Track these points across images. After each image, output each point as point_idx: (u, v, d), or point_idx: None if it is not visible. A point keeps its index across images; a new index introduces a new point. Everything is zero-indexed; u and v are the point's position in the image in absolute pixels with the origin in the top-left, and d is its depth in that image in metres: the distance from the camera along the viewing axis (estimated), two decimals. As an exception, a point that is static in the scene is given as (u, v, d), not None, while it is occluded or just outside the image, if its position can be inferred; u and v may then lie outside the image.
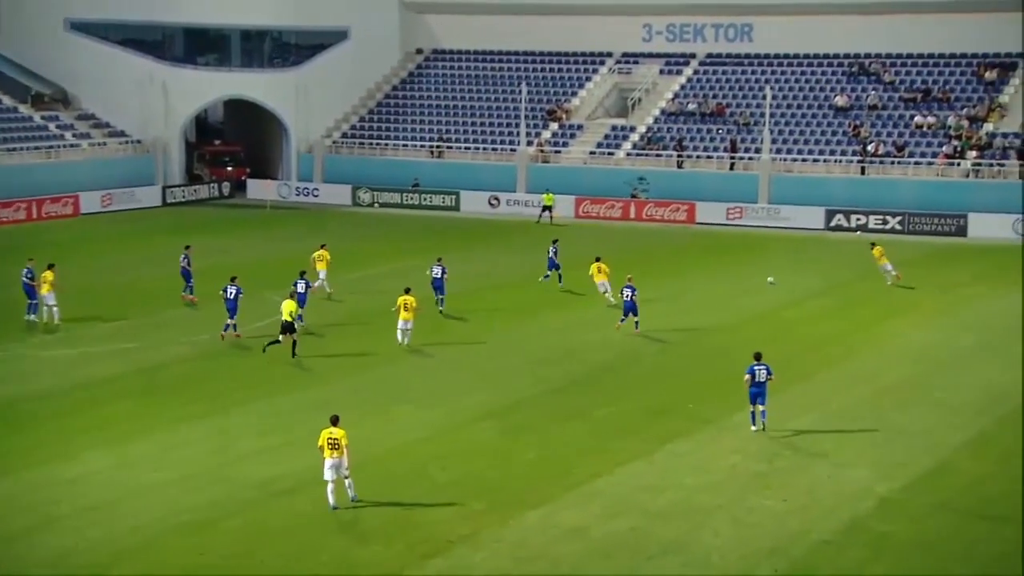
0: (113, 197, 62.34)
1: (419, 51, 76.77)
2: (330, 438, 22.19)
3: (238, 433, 26.23)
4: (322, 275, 40.71)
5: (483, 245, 53.30)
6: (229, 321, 34.36)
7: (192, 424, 26.77)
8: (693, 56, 70.36)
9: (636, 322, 35.63)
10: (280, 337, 32.27)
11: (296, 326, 32.33)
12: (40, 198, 58.91)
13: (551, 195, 60.61)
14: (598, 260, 40.13)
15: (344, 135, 71.71)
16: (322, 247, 41.42)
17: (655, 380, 31.00)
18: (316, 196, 67.63)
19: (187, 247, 40.44)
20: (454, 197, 64.64)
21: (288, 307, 32.49)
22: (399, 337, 33.65)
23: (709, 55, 69.96)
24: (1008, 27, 62.78)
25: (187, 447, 25.32)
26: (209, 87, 69.54)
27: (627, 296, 35.73)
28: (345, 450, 22.06)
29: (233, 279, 35.03)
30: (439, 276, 38.39)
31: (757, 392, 26.56)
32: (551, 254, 43.04)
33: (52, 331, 34.97)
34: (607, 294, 39.19)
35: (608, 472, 24.10)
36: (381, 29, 74.66)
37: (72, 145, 64.84)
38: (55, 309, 35.65)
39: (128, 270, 44.76)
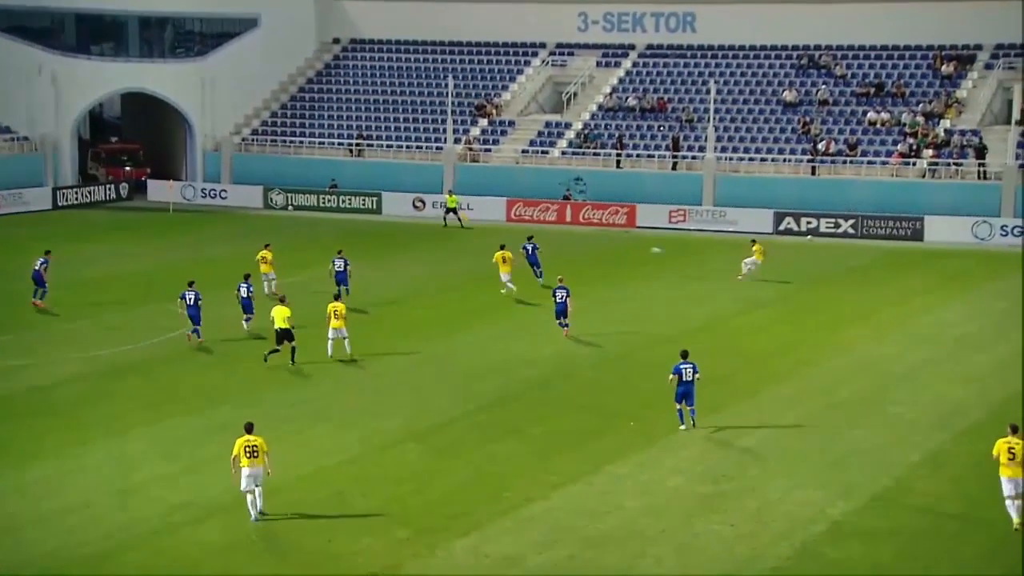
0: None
1: (336, 41, 76.69)
2: (247, 445, 22.59)
3: (139, 457, 26.10)
4: (270, 276, 42.15)
5: (408, 250, 53.39)
6: (196, 327, 35.54)
7: (89, 448, 26.58)
8: (632, 47, 71.07)
9: (566, 325, 36.14)
10: (278, 346, 33.18)
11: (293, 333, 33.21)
12: (-85, 201, 57.95)
13: (454, 196, 61.22)
14: (503, 248, 41.98)
15: (254, 132, 71.36)
16: (266, 247, 42.88)
17: (593, 396, 31.29)
18: (224, 198, 67.25)
19: (47, 252, 40.73)
20: (376, 199, 64.65)
21: (281, 313, 33.20)
22: (329, 349, 33.70)
23: (649, 46, 70.71)
24: (968, 16, 64.29)
25: (85, 473, 25.13)
26: (104, 79, 68.86)
27: (560, 298, 36.18)
28: (266, 457, 22.55)
29: (191, 283, 36.05)
30: (342, 269, 41.03)
31: (684, 392, 27.61)
32: (529, 251, 44.42)
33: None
34: (509, 283, 41.51)
35: (543, 496, 24.32)
36: (294, 16, 74.48)
37: (-49, 142, 63.84)
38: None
39: (13, 279, 44.12)
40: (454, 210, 60.73)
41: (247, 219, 62.59)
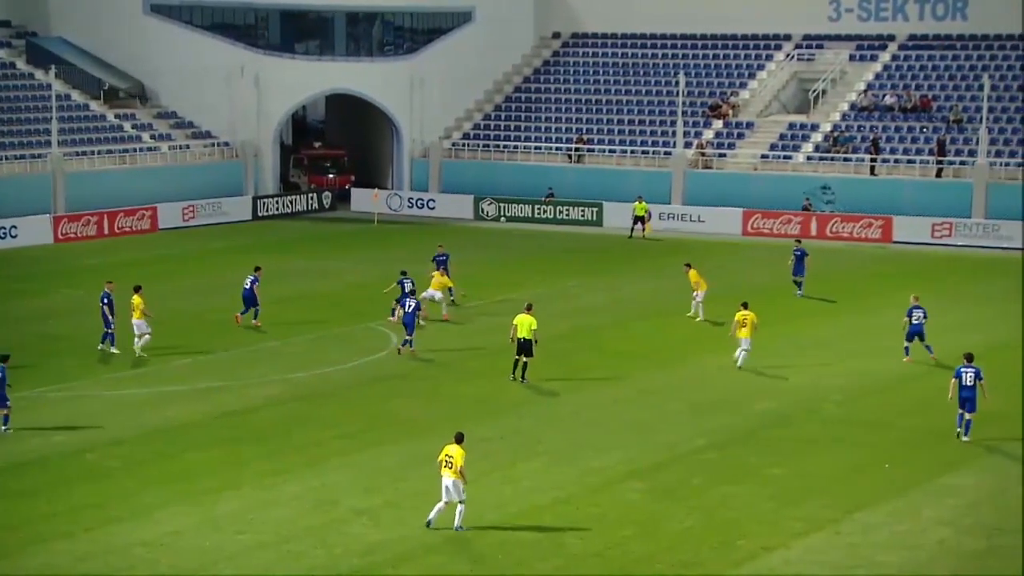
0: (196, 209, 64.19)
1: (556, 35, 77.42)
2: (446, 455, 24.15)
3: (338, 490, 26.76)
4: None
5: (630, 267, 53.31)
6: (407, 336, 37.36)
7: (286, 478, 27.38)
8: (891, 38, 69.45)
9: (928, 348, 36.47)
10: (518, 356, 34.40)
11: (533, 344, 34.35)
12: (113, 210, 60.99)
13: (644, 204, 60.83)
14: (689, 267, 43.41)
15: (465, 136, 72.59)
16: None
17: (841, 433, 30.65)
18: (432, 208, 68.57)
19: (257, 269, 41.77)
20: (596, 210, 64.87)
21: (525, 322, 34.29)
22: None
23: (911, 37, 68.97)
24: None
25: (281, 506, 25.90)
26: (308, 80, 71.02)
27: (916, 319, 36.59)
28: (460, 473, 23.96)
29: (411, 293, 38.86)
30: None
31: (965, 397, 28.14)
32: (798, 257, 45.87)
33: (138, 365, 36.15)
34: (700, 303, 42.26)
35: (783, 545, 23.93)
36: (511, 9, 75.55)
37: (150, 148, 67.01)
38: (146, 338, 37.23)
39: (212, 295, 45.99)
40: (642, 219, 60.58)
41: (456, 231, 63.59)
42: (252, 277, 41.21)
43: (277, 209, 67.97)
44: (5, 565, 22.78)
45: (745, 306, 36.61)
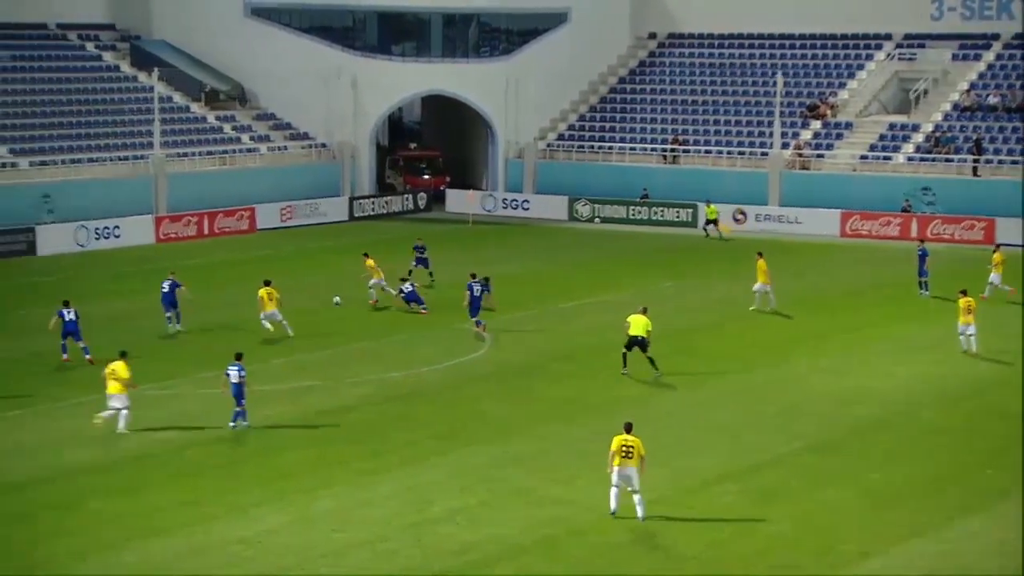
0: (294, 210, 64.88)
1: (652, 35, 77.15)
2: (624, 444, 24.54)
3: (433, 489, 26.86)
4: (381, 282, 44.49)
5: (724, 268, 52.92)
6: (478, 326, 39.01)
7: (381, 478, 27.55)
8: (996, 37, 68.28)
9: None
10: (627, 350, 34.75)
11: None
12: (213, 211, 61.83)
13: (714, 206, 60.78)
14: (761, 256, 43.56)
15: (560, 137, 72.59)
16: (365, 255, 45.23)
17: (940, 439, 30.19)
18: (527, 209, 68.65)
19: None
20: (691, 211, 64.53)
21: (640, 321, 34.66)
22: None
23: (1017, 36, 67.72)
24: None
25: (375, 505, 26.07)
26: (405, 81, 71.48)
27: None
28: (641, 461, 24.51)
29: (485, 279, 40.39)
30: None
31: None
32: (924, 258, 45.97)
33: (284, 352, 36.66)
34: (768, 294, 42.65)
35: (882, 551, 23.64)
36: (608, 10, 75.42)
37: (249, 150, 67.86)
38: (285, 323, 39.62)
39: (308, 295, 46.42)
40: (714, 221, 60.43)
41: (550, 232, 63.70)
42: (171, 281, 40.84)
43: (373, 210, 68.49)
44: (104, 561, 23.17)
45: (964, 293, 37.29)
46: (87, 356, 36.54)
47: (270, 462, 28.61)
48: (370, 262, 44.89)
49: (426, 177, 72.44)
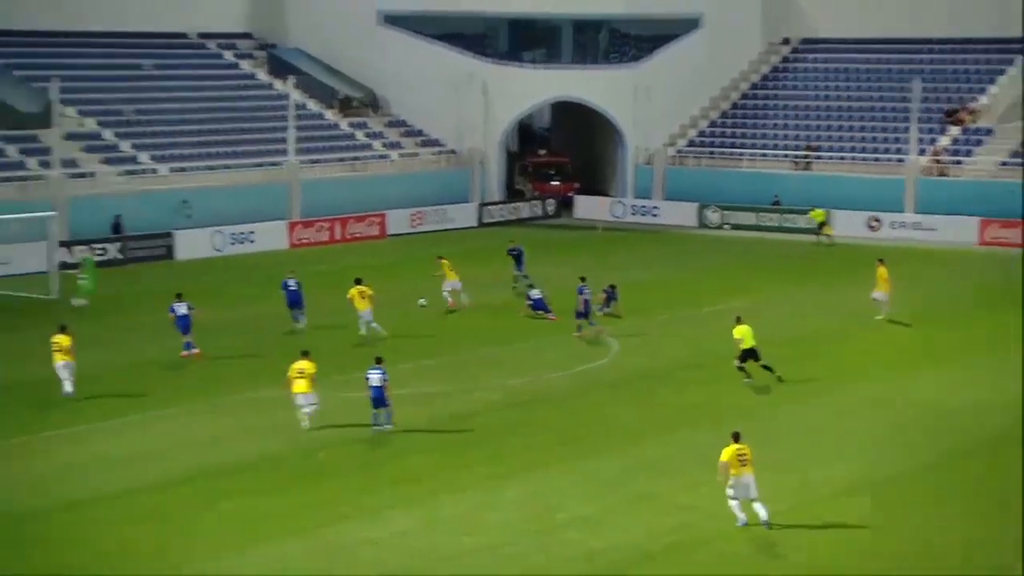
0: (424, 216, 65.53)
1: (786, 41, 76.45)
2: (739, 453, 24.49)
3: (560, 495, 26.97)
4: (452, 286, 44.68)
5: (854, 275, 52.12)
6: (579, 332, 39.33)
7: (506, 483, 27.74)
8: None
9: None
10: (742, 363, 34.77)
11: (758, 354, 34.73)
12: (344, 216, 62.73)
13: (821, 211, 60.24)
14: (881, 262, 42.77)
15: (690, 143, 72.29)
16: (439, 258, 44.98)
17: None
18: (655, 216, 68.48)
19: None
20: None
21: (746, 333, 34.70)
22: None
23: None
24: None
25: (501, 509, 26.27)
26: (535, 88, 71.79)
27: None
28: (751, 466, 24.49)
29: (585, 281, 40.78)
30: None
31: None
32: None
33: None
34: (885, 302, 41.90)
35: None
36: (740, 15, 74.95)
37: (380, 156, 68.73)
38: (374, 325, 40.04)
39: (438, 301, 46.81)
40: (823, 224, 59.93)
41: (679, 239, 63.48)
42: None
43: (502, 216, 68.88)
44: (237, 561, 23.65)
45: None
46: (189, 351, 37.65)
47: (399, 465, 28.98)
48: (446, 264, 44.88)
49: (555, 183, 72.63)
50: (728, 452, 24.60)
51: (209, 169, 62.02)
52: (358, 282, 40.58)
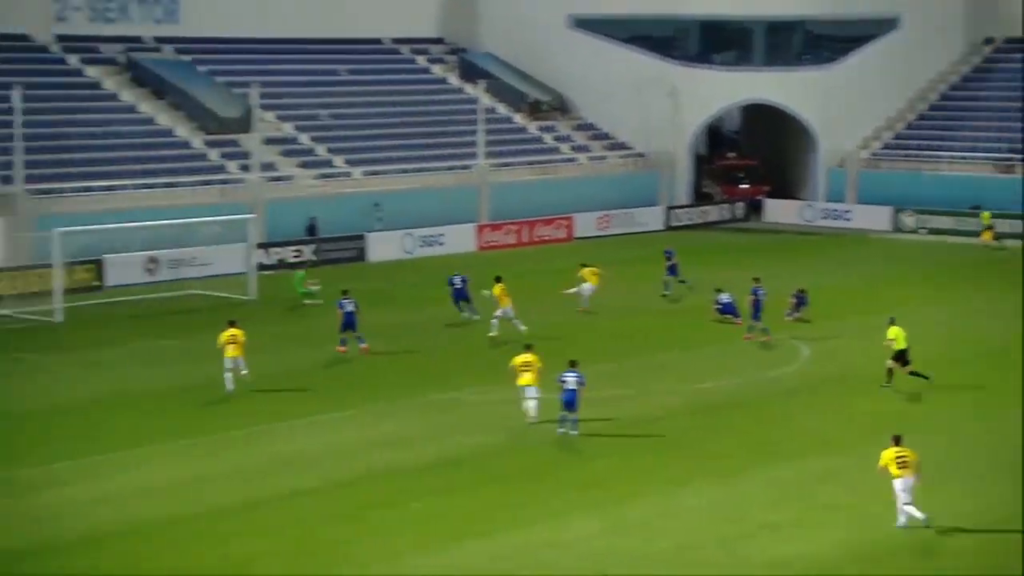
0: (611, 219, 65.53)
1: (988, 40, 74.31)
2: (898, 456, 24.52)
3: (746, 502, 26.71)
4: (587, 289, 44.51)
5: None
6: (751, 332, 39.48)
7: (691, 489, 27.57)
8: None
9: None
10: (895, 364, 34.49)
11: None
12: (532, 220, 63.14)
13: (988, 212, 58.70)
14: None
15: (885, 146, 70.80)
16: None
17: None
18: (848, 220, 67.24)
19: (756, 279, 41.66)
20: (1024, 223, 61.80)
21: (894, 333, 34.45)
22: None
23: None
24: None
25: (687, 515, 26.11)
26: (725, 90, 71.19)
27: None
28: (916, 468, 24.54)
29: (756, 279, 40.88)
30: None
31: None
32: None
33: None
34: None
35: None
36: (940, 15, 73.13)
37: (568, 159, 68.96)
38: (516, 321, 40.52)
39: (620, 307, 46.77)
40: (991, 227, 58.14)
41: (871, 243, 62.26)
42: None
43: (689, 219, 68.50)
44: (423, 561, 23.91)
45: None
46: (362, 345, 38.51)
47: (583, 469, 29.03)
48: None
49: (744, 186, 71.91)
50: (887, 455, 24.60)
51: (401, 172, 63.05)
52: (498, 280, 41.13)
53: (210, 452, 30.11)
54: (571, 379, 30.74)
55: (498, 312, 41.16)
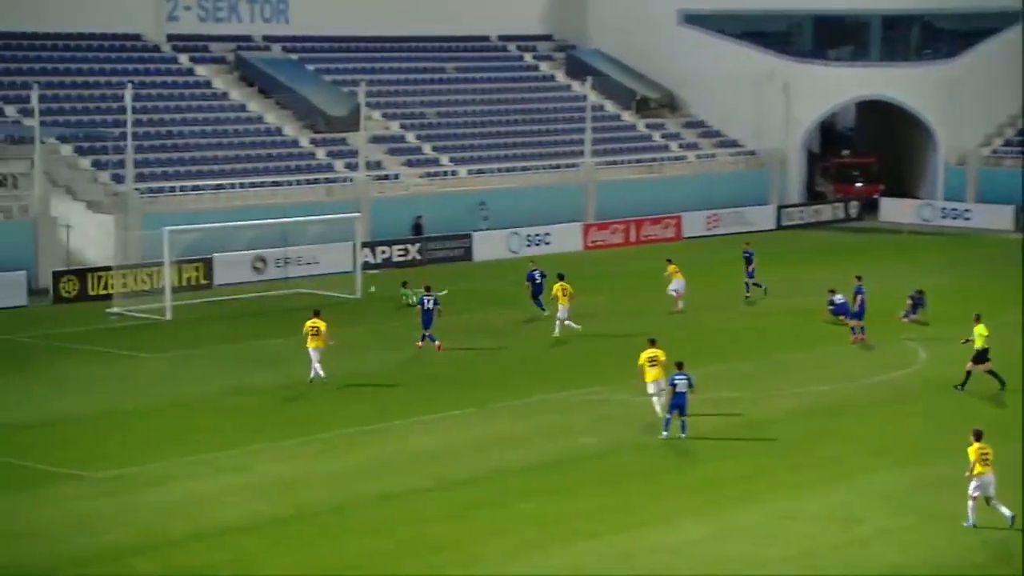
0: (720, 218, 65.13)
1: (1113, 33, 72.63)
2: (982, 453, 24.70)
3: (863, 508, 26.45)
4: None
5: None
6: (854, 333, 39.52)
7: (806, 493, 27.35)
8: None
9: None
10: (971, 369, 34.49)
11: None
12: (639, 219, 62.96)
13: None
14: None
15: (1007, 143, 69.62)
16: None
17: None
18: (967, 219, 66.24)
19: (859, 278, 41.48)
20: None
21: (977, 331, 34.24)
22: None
23: None
24: None
25: (802, 520, 25.90)
26: (840, 87, 70.50)
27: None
28: (991, 466, 24.68)
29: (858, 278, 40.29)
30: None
31: None
32: None
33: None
34: None
35: None
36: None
37: (677, 158, 68.67)
38: (568, 322, 40.93)
39: (731, 306, 46.48)
40: None
41: (991, 243, 61.15)
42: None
43: (801, 219, 67.91)
44: (533, 561, 23.98)
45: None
46: (435, 343, 38.81)
47: (694, 471, 28.95)
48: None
49: (859, 185, 71.12)
50: (973, 451, 24.72)
51: (506, 171, 63.23)
52: (561, 278, 41.38)
53: (318, 451, 30.46)
54: (682, 382, 30.65)
55: (559, 313, 41.28)
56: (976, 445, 24.79)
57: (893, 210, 67.68)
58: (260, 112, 61.96)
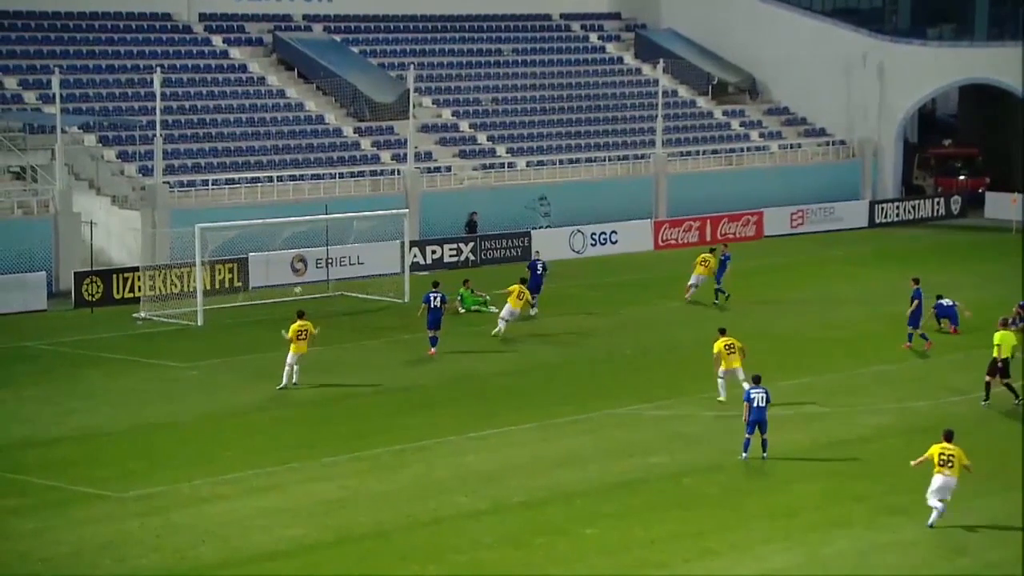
0: (806, 214, 64.90)
1: None
2: (943, 452, 26.19)
3: (967, 537, 26.34)
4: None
5: None
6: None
7: (905, 519, 27.18)
8: None
9: None
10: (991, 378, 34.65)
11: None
12: (716, 215, 62.85)
13: None
14: None
15: None
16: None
17: None
18: (1079, 216, 65.61)
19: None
20: None
21: (1000, 339, 34.38)
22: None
23: None
24: None
25: (894, 550, 25.78)
26: (941, 69, 70.16)
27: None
28: (967, 469, 26.05)
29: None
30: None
31: None
32: None
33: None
34: None
35: None
36: None
37: (758, 148, 68.49)
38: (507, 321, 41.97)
39: (822, 310, 46.28)
40: None
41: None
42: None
43: (897, 215, 67.61)
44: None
45: None
46: (432, 348, 39.58)
47: (776, 495, 28.84)
48: (707, 257, 47.02)
49: (962, 178, 70.74)
50: (935, 449, 26.25)
51: (569, 163, 63.25)
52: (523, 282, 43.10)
53: (362, 470, 30.56)
54: (760, 396, 30.57)
55: (504, 312, 42.38)
56: (939, 446, 26.29)
57: (1000, 206, 67.18)
58: (300, 99, 62.38)
